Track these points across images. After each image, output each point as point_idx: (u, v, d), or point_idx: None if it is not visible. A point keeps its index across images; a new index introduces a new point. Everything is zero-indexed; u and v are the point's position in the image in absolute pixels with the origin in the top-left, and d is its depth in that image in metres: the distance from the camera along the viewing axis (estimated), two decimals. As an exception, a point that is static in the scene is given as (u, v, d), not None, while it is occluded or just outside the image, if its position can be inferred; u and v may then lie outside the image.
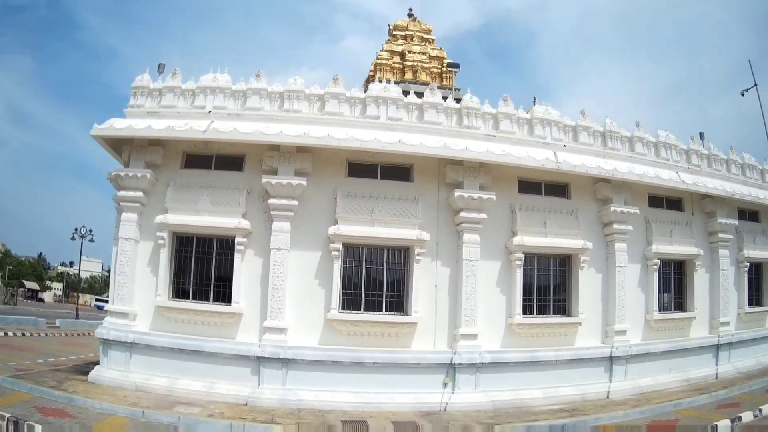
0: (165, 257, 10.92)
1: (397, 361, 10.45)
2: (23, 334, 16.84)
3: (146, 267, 11.18)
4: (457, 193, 10.82)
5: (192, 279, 11.14)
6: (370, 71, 24.22)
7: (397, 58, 24.20)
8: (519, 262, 11.23)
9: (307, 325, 10.70)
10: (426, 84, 14.39)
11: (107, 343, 10.88)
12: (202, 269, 11.13)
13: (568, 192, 12.18)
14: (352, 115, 11.24)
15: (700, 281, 13.64)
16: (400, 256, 11.00)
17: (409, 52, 24.12)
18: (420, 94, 12.09)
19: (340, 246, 10.64)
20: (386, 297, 10.89)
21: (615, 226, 12.06)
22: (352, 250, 10.91)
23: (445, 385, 10.58)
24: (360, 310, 10.79)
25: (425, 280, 10.97)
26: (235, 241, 10.80)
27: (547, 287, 11.79)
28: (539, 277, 11.70)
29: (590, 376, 11.60)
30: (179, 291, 11.18)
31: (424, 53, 24.20)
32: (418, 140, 10.77)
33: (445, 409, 10.31)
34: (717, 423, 9.07)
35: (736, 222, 14.24)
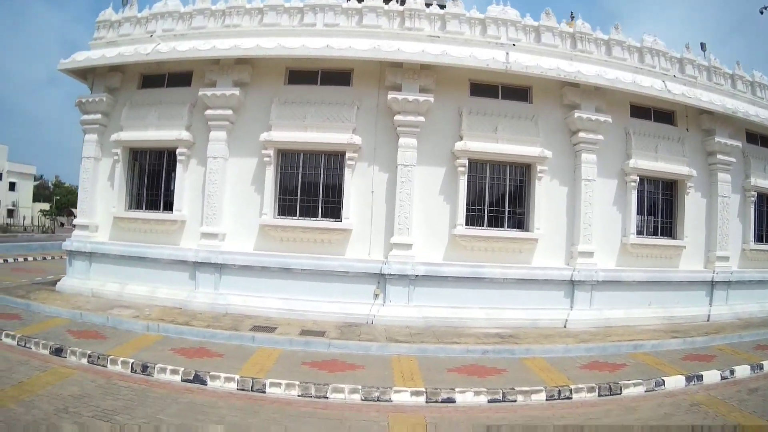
0: (119, 172, 10.34)
1: (324, 269, 8.92)
2: (44, 258, 16.84)
3: (106, 182, 10.72)
4: (391, 95, 9.05)
5: (146, 191, 10.49)
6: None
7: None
8: (463, 169, 9.20)
9: (244, 231, 9.54)
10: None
11: (72, 254, 10.57)
12: (154, 181, 10.42)
13: (530, 96, 9.88)
14: (290, 24, 9.81)
15: (693, 207, 10.72)
16: (337, 161, 9.41)
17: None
18: (403, 2, 10.14)
19: (272, 152, 9.31)
20: (322, 203, 9.37)
21: (582, 134, 9.64)
22: (287, 156, 9.52)
23: (376, 296, 8.87)
24: (295, 216, 9.35)
25: (361, 186, 9.33)
26: (178, 152, 9.86)
27: (502, 199, 9.59)
28: (492, 187, 9.55)
29: (546, 300, 9.31)
30: (136, 202, 10.51)
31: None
32: (349, 44, 9.10)
33: (372, 322, 8.62)
34: (664, 378, 6.35)
35: (740, 144, 11.09)
